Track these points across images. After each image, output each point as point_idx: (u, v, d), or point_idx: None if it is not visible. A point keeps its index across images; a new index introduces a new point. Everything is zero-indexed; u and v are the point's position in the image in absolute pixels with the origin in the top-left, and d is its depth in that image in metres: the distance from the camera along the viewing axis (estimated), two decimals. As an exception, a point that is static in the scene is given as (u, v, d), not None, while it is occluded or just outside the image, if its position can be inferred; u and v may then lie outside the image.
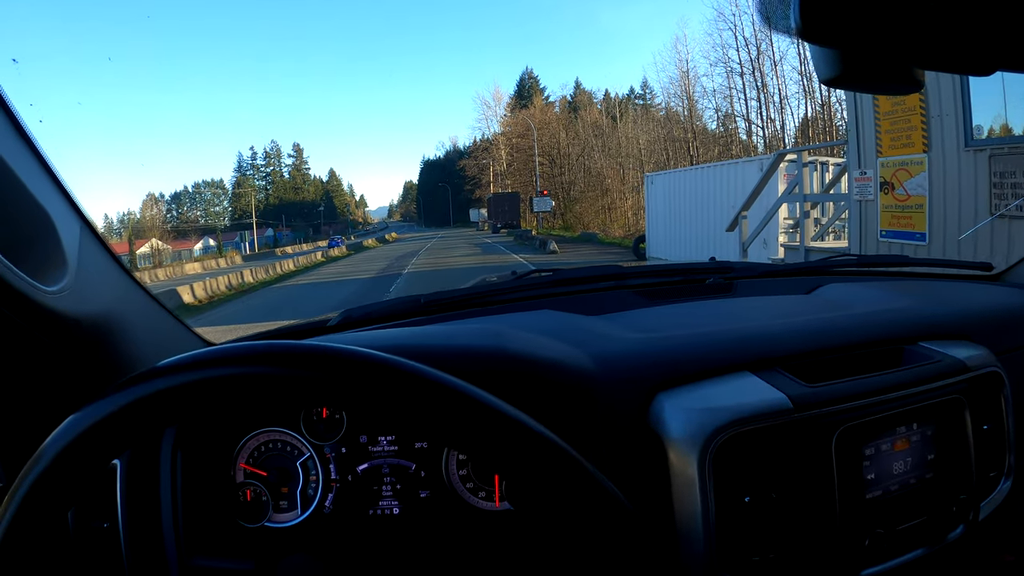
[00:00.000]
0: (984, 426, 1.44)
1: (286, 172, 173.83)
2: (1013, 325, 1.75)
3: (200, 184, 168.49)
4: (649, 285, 2.05)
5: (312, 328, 1.71)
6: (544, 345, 1.38)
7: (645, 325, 1.58)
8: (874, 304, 1.73)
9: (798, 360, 1.41)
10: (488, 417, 0.77)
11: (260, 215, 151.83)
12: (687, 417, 1.21)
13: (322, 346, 0.77)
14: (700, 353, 1.38)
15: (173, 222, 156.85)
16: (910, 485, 1.31)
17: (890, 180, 9.53)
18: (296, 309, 20.46)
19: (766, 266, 2.31)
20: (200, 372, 0.73)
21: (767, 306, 1.82)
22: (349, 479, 1.34)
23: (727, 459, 1.19)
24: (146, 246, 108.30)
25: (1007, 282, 2.25)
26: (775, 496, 1.20)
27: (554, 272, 2.03)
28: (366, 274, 32.41)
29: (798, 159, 13.33)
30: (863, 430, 1.27)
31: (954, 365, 1.41)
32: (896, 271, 2.38)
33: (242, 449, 1.34)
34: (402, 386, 0.75)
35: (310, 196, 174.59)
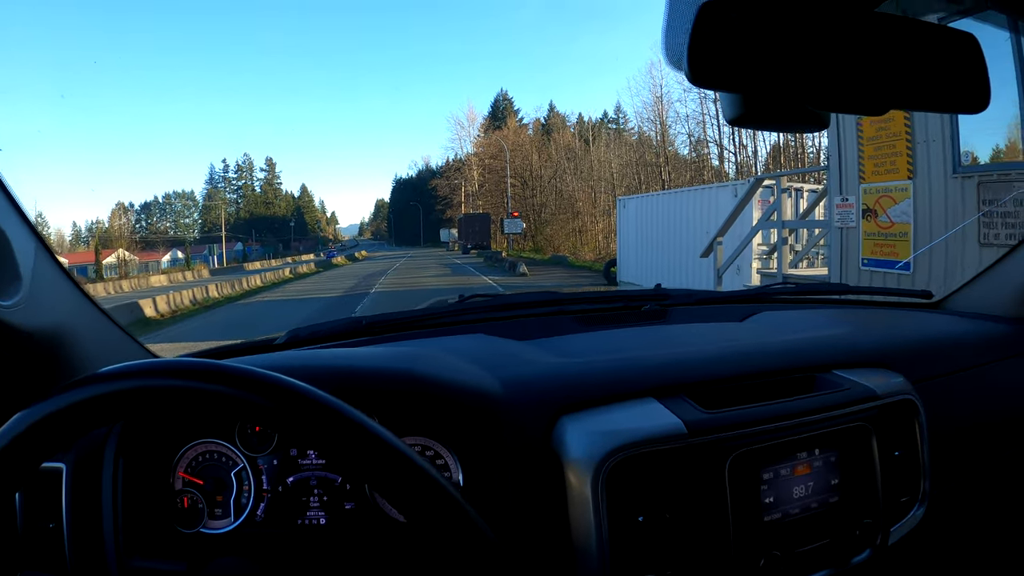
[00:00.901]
0: (895, 452, 1.51)
1: (258, 186, 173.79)
2: (939, 353, 1.86)
3: (171, 195, 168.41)
4: (586, 311, 2.14)
5: (259, 346, 1.77)
6: (458, 369, 1.45)
7: (569, 350, 1.66)
8: (799, 332, 1.84)
9: (706, 387, 1.47)
10: (350, 432, 0.86)
11: (230, 229, 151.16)
12: (584, 439, 1.27)
13: (216, 363, 0.86)
14: (607, 379, 1.44)
15: (142, 232, 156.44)
16: (812, 509, 1.37)
17: (873, 207, 9.33)
18: (256, 327, 19.98)
19: (704, 293, 2.38)
20: (119, 383, 0.83)
21: (695, 333, 1.90)
22: (280, 490, 1.39)
23: (622, 480, 1.24)
24: (113, 256, 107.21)
25: (946, 309, 2.37)
26: (669, 516, 1.26)
27: (494, 297, 2.15)
28: (333, 292, 32.04)
29: (776, 185, 13.19)
30: (760, 455, 1.33)
31: (862, 393, 1.48)
32: (835, 299, 2.52)
33: (181, 458, 1.39)
34: (275, 399, 0.85)
35: (281, 211, 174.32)
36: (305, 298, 30.65)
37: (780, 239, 12.74)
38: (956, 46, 1.04)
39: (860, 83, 0.99)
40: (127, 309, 24.03)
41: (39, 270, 1.27)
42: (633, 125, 79.31)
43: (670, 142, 59.83)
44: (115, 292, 45.81)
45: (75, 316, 1.41)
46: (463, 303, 2.12)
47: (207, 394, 0.84)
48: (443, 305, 2.18)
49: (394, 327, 1.89)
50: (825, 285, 2.51)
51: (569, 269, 41.76)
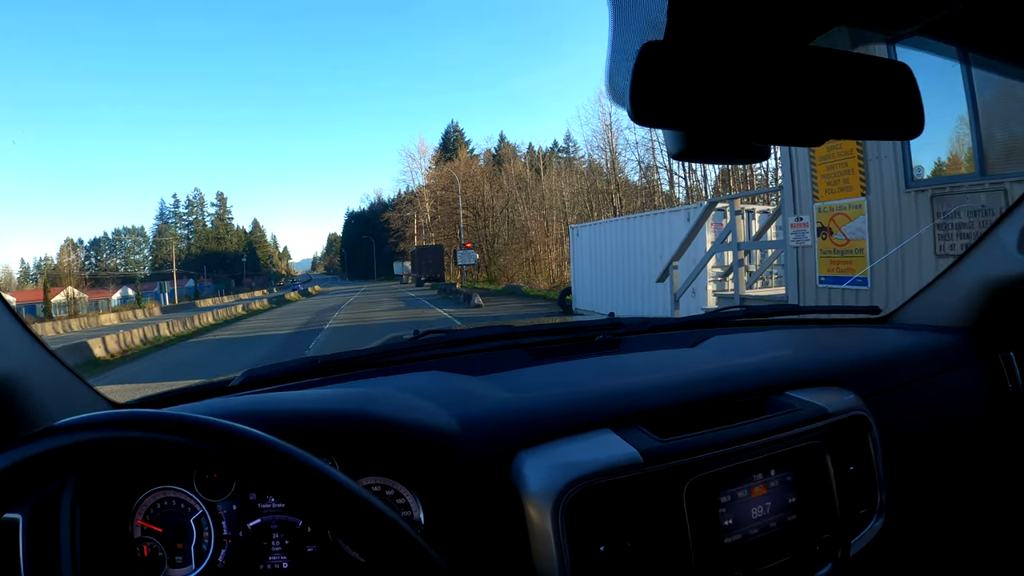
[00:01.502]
0: (851, 467, 1.56)
1: (209, 221, 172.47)
2: (887, 368, 1.90)
3: (121, 231, 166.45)
4: (539, 344, 2.13)
5: (215, 389, 1.78)
6: (413, 407, 1.46)
7: (524, 384, 1.69)
8: (750, 355, 1.87)
9: (660, 415, 1.50)
10: (304, 477, 0.87)
11: (181, 265, 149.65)
12: (542, 473, 1.29)
13: (171, 415, 0.87)
14: (563, 412, 1.46)
15: (91, 270, 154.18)
16: (771, 528, 1.41)
17: (828, 225, 9.46)
18: (210, 366, 19.57)
19: (656, 321, 2.39)
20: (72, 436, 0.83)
21: (648, 361, 1.94)
22: (240, 535, 1.36)
23: (582, 511, 1.26)
24: (62, 294, 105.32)
25: (894, 324, 2.45)
26: (630, 545, 1.28)
27: (447, 333, 2.15)
28: (286, 329, 31.54)
29: (730, 206, 13.27)
30: (717, 479, 1.36)
31: (814, 412, 1.52)
32: (785, 319, 2.57)
33: (139, 506, 1.36)
34: (229, 447, 0.85)
35: (233, 247, 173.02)
36: (259, 335, 30.18)
37: (735, 261, 12.85)
38: (890, 76, 1.07)
39: (798, 116, 1.02)
40: (77, 349, 23.51)
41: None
42: (583, 153, 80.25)
43: (620, 169, 60.56)
44: (64, 332, 45.24)
45: (25, 362, 1.37)
46: (417, 339, 2.14)
47: (162, 444, 0.84)
48: (398, 341, 2.20)
49: (349, 366, 1.89)
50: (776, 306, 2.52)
51: (524, 299, 41.66)
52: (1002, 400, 2.10)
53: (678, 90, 0.95)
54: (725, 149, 1.12)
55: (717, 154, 1.14)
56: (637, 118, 0.94)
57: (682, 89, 0.96)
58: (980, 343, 2.15)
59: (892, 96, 1.07)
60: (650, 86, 0.94)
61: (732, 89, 0.98)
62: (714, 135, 1.09)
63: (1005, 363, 2.13)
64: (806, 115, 1.02)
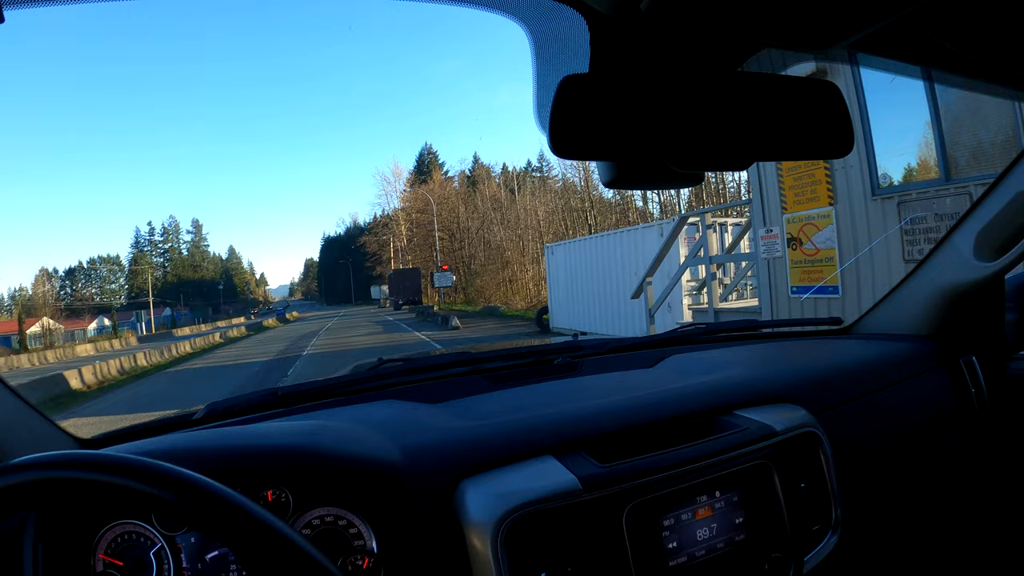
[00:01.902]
0: (801, 484, 1.55)
1: (184, 249, 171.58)
2: (843, 380, 1.90)
3: (96, 260, 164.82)
4: (498, 369, 2.15)
5: (177, 422, 1.80)
6: (360, 439, 1.48)
7: (477, 412, 1.70)
8: (704, 374, 1.89)
9: (606, 439, 1.50)
10: (229, 516, 0.87)
11: (158, 294, 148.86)
12: (482, 501, 1.30)
13: (114, 455, 0.88)
14: (506, 439, 1.47)
15: (67, 300, 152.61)
16: (719, 549, 1.41)
17: (797, 235, 9.53)
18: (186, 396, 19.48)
19: (616, 342, 2.39)
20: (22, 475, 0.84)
21: (604, 384, 1.93)
22: (199, 567, 1.36)
23: (522, 538, 1.27)
24: (37, 325, 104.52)
25: (855, 334, 2.48)
26: (571, 570, 1.28)
27: (405, 361, 2.18)
28: (264, 356, 31.36)
29: (701, 221, 13.35)
30: (659, 503, 1.37)
31: (759, 432, 1.53)
32: (746, 335, 2.57)
33: (100, 540, 1.35)
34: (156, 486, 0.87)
35: (209, 274, 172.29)
36: (237, 363, 29.92)
37: (709, 274, 12.91)
38: (819, 96, 1.08)
39: (723, 142, 1.02)
40: (52, 382, 23.23)
41: None
42: (557, 172, 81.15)
43: (594, 187, 60.96)
44: (40, 363, 45.03)
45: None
46: (377, 368, 2.16)
47: (98, 485, 0.85)
48: (360, 370, 2.20)
49: (309, 396, 1.91)
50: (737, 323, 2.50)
51: (502, 319, 41.71)
52: (965, 405, 2.10)
53: (597, 123, 0.96)
54: (656, 176, 1.12)
55: (648, 181, 1.15)
56: (557, 151, 0.95)
57: (601, 121, 0.96)
58: (942, 350, 2.15)
59: (821, 115, 1.08)
60: (568, 119, 0.94)
61: (652, 119, 0.99)
62: (642, 164, 1.10)
63: (967, 368, 2.14)
64: (732, 141, 1.03)
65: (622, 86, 0.97)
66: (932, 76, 6.47)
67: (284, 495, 1.38)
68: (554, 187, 70.94)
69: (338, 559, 1.34)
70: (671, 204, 52.19)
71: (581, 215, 59.65)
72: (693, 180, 1.16)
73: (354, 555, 1.36)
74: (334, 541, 1.37)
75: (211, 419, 1.80)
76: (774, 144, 1.06)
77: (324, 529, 1.38)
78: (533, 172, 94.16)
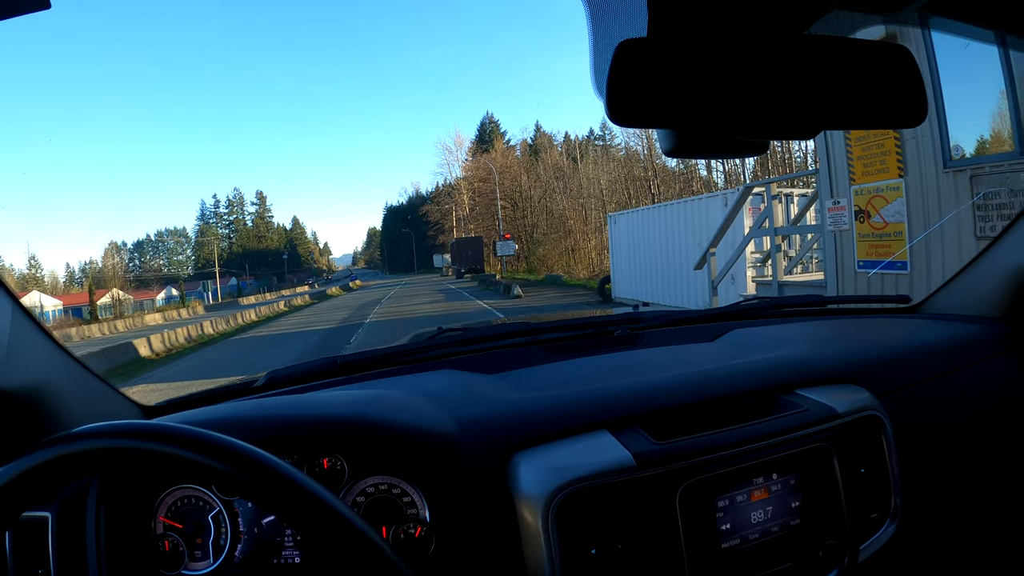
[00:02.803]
0: (861, 469, 1.50)
1: (249, 220, 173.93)
2: (911, 362, 1.83)
3: (163, 232, 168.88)
4: (557, 340, 2.14)
5: (238, 390, 1.86)
6: (415, 410, 1.49)
7: (533, 383, 1.71)
8: (766, 351, 1.84)
9: (662, 415, 1.48)
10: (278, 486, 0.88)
11: (223, 264, 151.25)
12: (535, 475, 1.30)
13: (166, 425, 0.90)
14: (562, 413, 1.46)
15: (136, 271, 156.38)
16: (772, 533, 1.37)
17: (865, 208, 9.23)
18: (251, 363, 19.78)
19: (676, 314, 2.38)
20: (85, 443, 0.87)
21: (662, 358, 1.91)
22: (255, 531, 1.41)
23: (574, 514, 1.26)
24: (107, 296, 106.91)
25: (924, 313, 2.37)
26: (621, 548, 1.27)
27: (464, 331, 2.17)
28: (327, 324, 31.64)
29: (767, 191, 13.07)
30: (714, 483, 1.34)
31: (821, 413, 1.47)
32: (809, 311, 2.50)
33: (161, 504, 1.42)
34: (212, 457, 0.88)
35: (274, 244, 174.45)
36: (300, 331, 30.31)
37: (773, 246, 12.64)
38: (890, 61, 1.03)
39: (788, 110, 0.99)
40: (122, 350, 23.81)
41: (16, 332, 1.32)
42: (620, 140, 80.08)
43: (657, 155, 59.87)
44: (110, 332, 45.85)
45: (54, 372, 1.44)
46: (436, 338, 2.14)
47: (154, 454, 0.88)
48: (419, 340, 2.23)
49: (367, 365, 1.93)
50: (801, 297, 2.43)
51: (564, 288, 41.46)
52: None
53: (657, 89, 0.93)
54: (718, 145, 1.10)
55: (710, 150, 1.12)
56: (615, 119, 0.93)
57: (661, 88, 0.93)
58: (1013, 333, 2.05)
59: (892, 81, 1.03)
60: (626, 85, 0.92)
61: (714, 85, 0.95)
62: (704, 132, 1.07)
63: None
64: (798, 108, 0.99)
65: (682, 50, 0.95)
66: (1007, 42, 6.23)
67: (339, 463, 1.42)
68: (617, 156, 70.14)
69: (391, 527, 1.37)
70: (736, 174, 51.31)
71: (644, 184, 58.93)
72: (757, 149, 1.13)
73: (407, 523, 1.37)
74: (387, 509, 1.39)
75: (271, 387, 1.84)
76: (843, 112, 1.03)
77: (378, 497, 1.40)
78: (595, 141, 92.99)
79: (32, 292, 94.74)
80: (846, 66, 1.01)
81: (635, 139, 64.34)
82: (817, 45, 1.00)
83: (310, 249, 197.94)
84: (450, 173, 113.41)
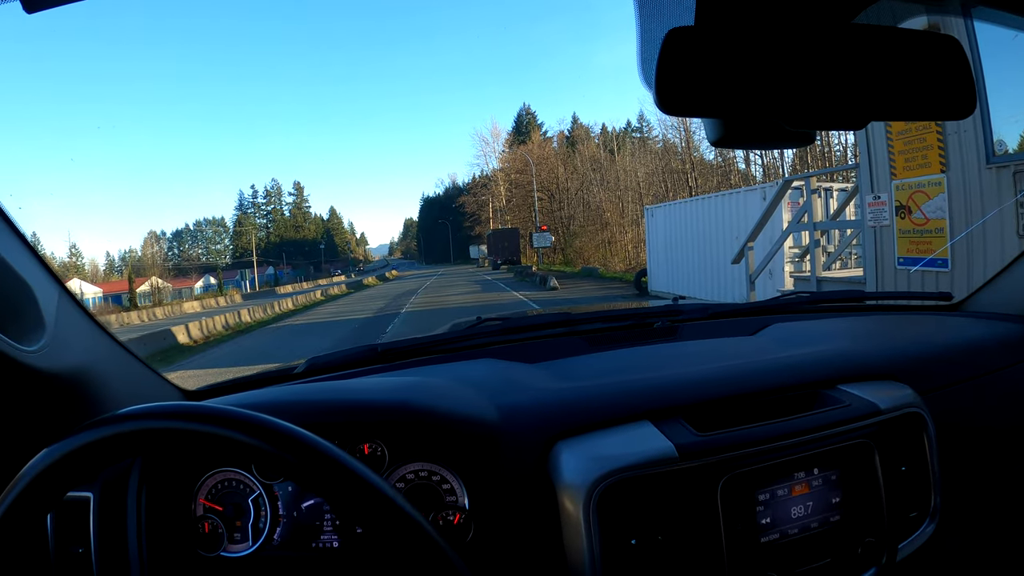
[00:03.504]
0: (902, 467, 1.48)
1: (287, 210, 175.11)
2: (953, 360, 1.81)
3: (201, 222, 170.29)
4: (597, 331, 2.13)
5: (278, 376, 1.89)
6: (457, 398, 1.50)
7: (573, 373, 1.70)
8: (807, 345, 1.83)
9: (704, 408, 1.48)
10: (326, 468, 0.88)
11: (261, 253, 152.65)
12: (577, 464, 1.30)
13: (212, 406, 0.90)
14: (604, 403, 1.47)
15: (174, 260, 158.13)
16: (812, 529, 1.36)
17: (906, 203, 9.05)
18: (288, 351, 19.94)
19: (716, 307, 2.37)
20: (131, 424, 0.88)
21: (704, 350, 1.90)
22: (295, 515, 1.44)
23: (615, 504, 1.26)
24: (146, 284, 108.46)
25: (966, 311, 2.33)
26: (661, 539, 1.27)
27: (504, 320, 2.20)
28: (363, 314, 31.78)
29: (806, 185, 12.92)
30: (755, 476, 1.33)
31: (863, 409, 1.46)
32: (851, 306, 2.47)
33: (201, 486, 1.45)
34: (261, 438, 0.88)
35: (311, 234, 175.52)
36: (336, 320, 30.49)
37: (812, 241, 12.47)
38: (939, 52, 1.02)
39: (838, 99, 0.98)
40: (160, 336, 24.15)
41: (62, 316, 1.35)
42: (657, 133, 79.32)
43: (695, 148, 59.53)
44: (149, 320, 46.35)
45: (98, 355, 1.47)
46: (476, 327, 2.17)
47: (200, 435, 0.88)
48: (458, 328, 2.25)
49: (408, 353, 1.95)
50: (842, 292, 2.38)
51: (600, 281, 41.33)
52: None
53: (706, 77, 0.93)
54: (765, 135, 1.10)
55: (757, 140, 1.13)
56: (664, 107, 0.93)
57: (710, 76, 0.94)
58: None
59: (940, 72, 1.03)
60: (676, 74, 0.92)
61: (764, 73, 0.96)
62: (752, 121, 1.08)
63: None
64: (847, 97, 0.99)
65: (730, 38, 0.95)
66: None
67: (380, 449, 1.43)
68: (654, 148, 69.49)
69: (429, 514, 1.36)
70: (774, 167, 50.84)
71: (682, 177, 58.51)
72: (804, 140, 1.13)
73: (445, 511, 1.38)
74: (426, 496, 1.41)
75: (311, 373, 1.86)
76: (891, 102, 1.02)
77: (417, 484, 1.42)
78: (632, 133, 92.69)
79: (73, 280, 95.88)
80: (894, 56, 1.01)
81: (673, 131, 63.92)
82: (865, 34, 1.00)
83: (347, 239, 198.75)
84: (487, 164, 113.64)
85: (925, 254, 8.76)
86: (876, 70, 0.99)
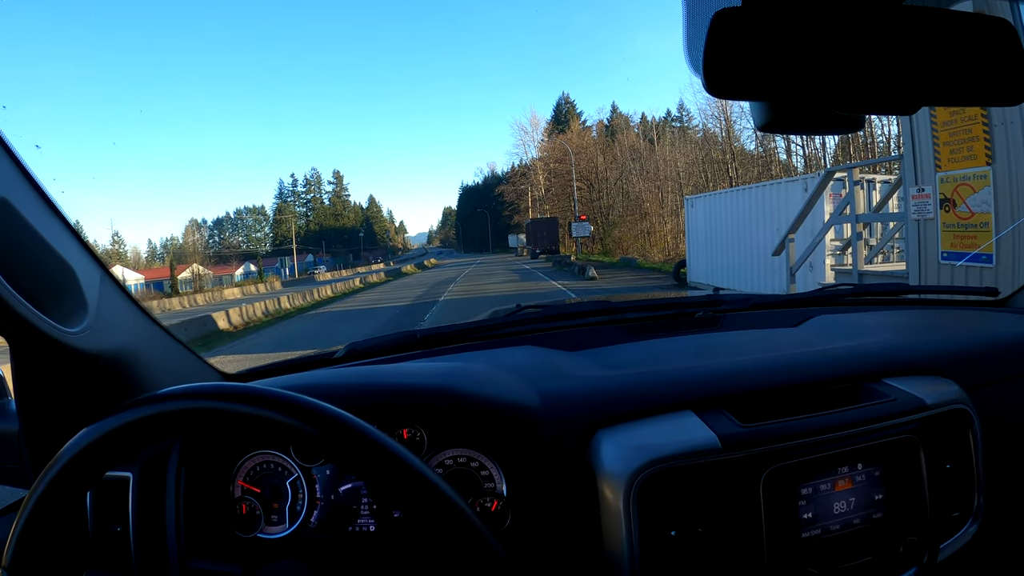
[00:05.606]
0: (947, 465, 1.45)
1: (326, 199, 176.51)
2: (1000, 356, 1.76)
3: (242, 210, 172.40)
4: (637, 320, 2.13)
5: (319, 360, 1.90)
6: (498, 384, 1.49)
7: (615, 361, 1.68)
8: (851, 338, 1.78)
9: (748, 399, 1.46)
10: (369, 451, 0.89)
11: (300, 241, 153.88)
12: (618, 453, 1.29)
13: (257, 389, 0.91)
14: (646, 392, 1.45)
15: (215, 247, 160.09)
16: (854, 525, 1.33)
17: (951, 196, 8.85)
18: (327, 337, 20.16)
19: (759, 298, 2.30)
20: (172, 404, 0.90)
21: (745, 341, 1.88)
22: (332, 498, 1.45)
23: (655, 494, 1.25)
24: (187, 271, 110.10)
25: (1012, 307, 2.28)
26: (701, 531, 1.25)
27: (544, 307, 2.18)
28: (402, 302, 31.84)
29: (848, 176, 12.71)
30: (799, 470, 1.30)
31: (909, 404, 1.43)
32: (895, 300, 2.45)
33: (240, 468, 1.47)
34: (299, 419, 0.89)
35: (350, 222, 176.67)
36: (375, 307, 30.62)
37: (854, 234, 12.32)
38: (991, 34, 0.99)
39: (888, 82, 0.97)
40: (201, 322, 24.43)
41: (104, 299, 1.35)
42: (697, 122, 78.46)
43: (736, 138, 58.89)
44: (190, 306, 46.98)
45: (139, 337, 1.48)
46: (516, 314, 2.16)
47: (240, 415, 0.89)
48: (498, 316, 2.23)
49: (447, 340, 1.95)
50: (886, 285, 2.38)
51: (638, 271, 41.04)
52: None
53: (754, 59, 0.93)
54: (813, 120, 1.09)
55: (805, 125, 1.11)
56: (712, 90, 0.92)
57: (758, 58, 0.93)
58: None
59: (992, 56, 1.01)
60: (724, 56, 0.91)
61: (814, 55, 0.94)
62: (800, 105, 1.06)
63: None
64: (897, 81, 0.97)
65: (778, 19, 0.93)
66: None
67: (419, 434, 1.44)
68: (694, 138, 68.88)
69: (467, 500, 1.33)
70: (816, 158, 50.10)
71: (722, 167, 57.86)
72: (853, 125, 1.10)
73: (483, 497, 1.40)
74: (465, 482, 1.42)
75: (351, 359, 1.87)
76: (943, 86, 1.00)
77: (456, 470, 1.43)
78: (672, 122, 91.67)
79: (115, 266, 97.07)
80: (946, 38, 0.99)
81: (713, 121, 63.29)
82: (916, 16, 0.98)
83: (386, 227, 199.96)
84: (526, 153, 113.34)
85: (969, 249, 8.57)
86: (926, 52, 0.98)
